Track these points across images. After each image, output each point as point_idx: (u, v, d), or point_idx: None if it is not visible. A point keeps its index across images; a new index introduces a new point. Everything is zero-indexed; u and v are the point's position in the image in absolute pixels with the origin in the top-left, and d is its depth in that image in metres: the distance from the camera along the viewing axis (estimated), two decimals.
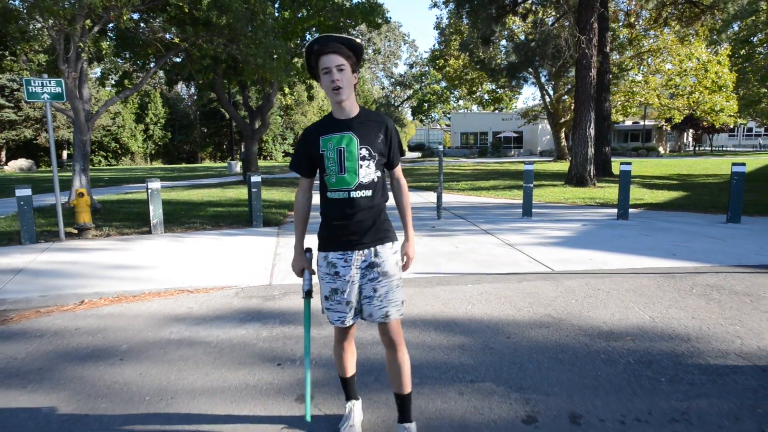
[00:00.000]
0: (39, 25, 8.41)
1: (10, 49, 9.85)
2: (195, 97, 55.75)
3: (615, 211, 9.10)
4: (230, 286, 5.06)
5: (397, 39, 66.08)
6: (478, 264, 5.73)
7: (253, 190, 8.50)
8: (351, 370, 2.43)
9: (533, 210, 9.48)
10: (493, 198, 12.54)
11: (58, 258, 6.14)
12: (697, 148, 55.99)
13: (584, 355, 3.34)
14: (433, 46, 39.84)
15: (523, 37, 20.17)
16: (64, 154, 40.93)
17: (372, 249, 2.20)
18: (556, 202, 11.27)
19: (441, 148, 9.77)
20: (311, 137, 2.16)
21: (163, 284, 5.03)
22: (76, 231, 7.68)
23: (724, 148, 63.46)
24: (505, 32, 25.17)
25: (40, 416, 2.74)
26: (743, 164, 7.79)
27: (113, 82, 13.62)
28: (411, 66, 64.55)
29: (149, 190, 7.73)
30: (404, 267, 2.35)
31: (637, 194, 12.22)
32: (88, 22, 8.85)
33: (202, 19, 9.36)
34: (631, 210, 9.62)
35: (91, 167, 41.73)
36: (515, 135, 50.66)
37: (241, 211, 10.22)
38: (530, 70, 17.39)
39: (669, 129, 50.46)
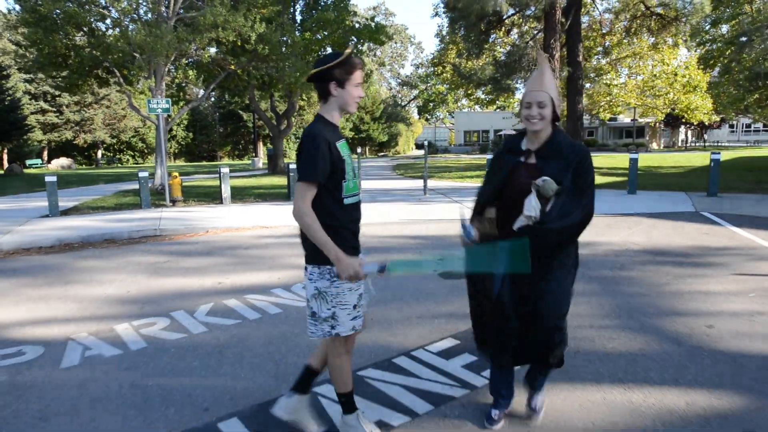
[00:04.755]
0: (137, 57, 11.84)
1: (106, 72, 13.33)
2: (212, 100, 59.60)
3: None
4: (290, 225, 8.43)
5: (404, 41, 69.54)
6: (440, 213, 9.05)
7: (291, 174, 11.87)
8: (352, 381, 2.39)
9: None
10: (473, 183, 15.80)
11: (175, 214, 9.55)
12: (688, 144, 58.55)
13: None
14: (433, 52, 43.09)
15: (506, 49, 23.50)
16: (99, 153, 44.71)
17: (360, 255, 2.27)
18: None
19: (426, 143, 13.08)
20: (330, 143, 2.10)
21: (249, 224, 8.40)
22: (171, 203, 11.10)
23: (719, 143, 65.84)
24: (499, 40, 28.36)
25: (220, 264, 6.12)
26: (637, 153, 11.06)
27: (171, 93, 17.05)
28: (417, 67, 67.93)
29: (221, 174, 11.15)
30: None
31: None
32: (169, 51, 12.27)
33: (250, 49, 12.75)
34: None
35: (124, 165, 45.58)
36: (515, 132, 53.57)
37: (279, 192, 13.61)
38: (513, 78, 20.53)
39: (662, 126, 53.27)
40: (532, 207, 2.19)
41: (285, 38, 15.56)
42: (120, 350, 3.62)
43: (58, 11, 10.66)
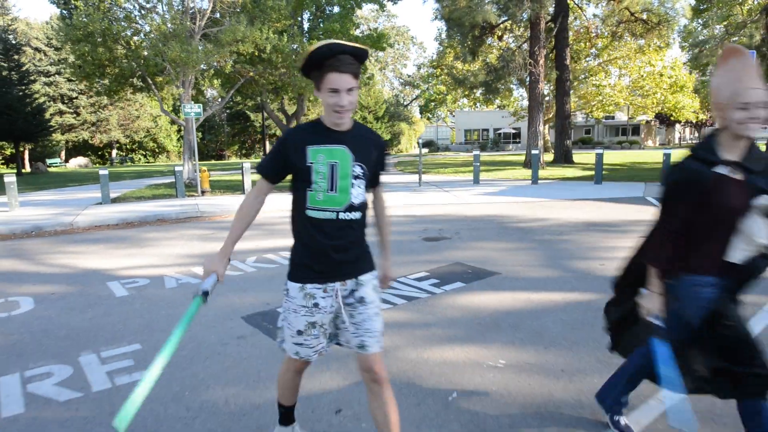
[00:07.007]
0: (167, 67, 13.62)
1: (140, 80, 15.15)
2: (219, 100, 61.72)
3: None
4: None
5: (406, 42, 71.29)
6: (430, 200, 10.80)
7: None
8: (295, 398, 2.31)
9: (482, 180, 14.50)
10: (465, 177, 17.56)
11: (208, 201, 11.35)
12: (684, 142, 60.03)
13: (457, 218, 8.42)
14: (434, 53, 44.74)
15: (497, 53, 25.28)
16: (114, 152, 46.69)
17: (354, 279, 2.00)
18: (505, 178, 16.27)
19: (421, 142, 14.82)
20: (296, 144, 1.90)
21: (271, 208, 10.18)
22: (201, 193, 12.90)
23: None
24: (496, 44, 30.02)
25: (255, 234, 7.90)
26: (602, 151, 12.79)
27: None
28: (419, 67, 69.65)
29: (243, 168, 12.92)
30: (384, 285, 2.24)
31: (567, 172, 17.16)
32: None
33: (266, 58, 14.54)
34: (549, 180, 14.58)
35: (137, 163, 47.53)
36: (513, 131, 55.28)
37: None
38: (502, 82, 22.17)
39: (657, 123, 54.86)
40: (763, 234, 1.85)
41: (295, 46, 17.33)
42: (201, 280, 5.40)
43: (102, 28, 12.46)
